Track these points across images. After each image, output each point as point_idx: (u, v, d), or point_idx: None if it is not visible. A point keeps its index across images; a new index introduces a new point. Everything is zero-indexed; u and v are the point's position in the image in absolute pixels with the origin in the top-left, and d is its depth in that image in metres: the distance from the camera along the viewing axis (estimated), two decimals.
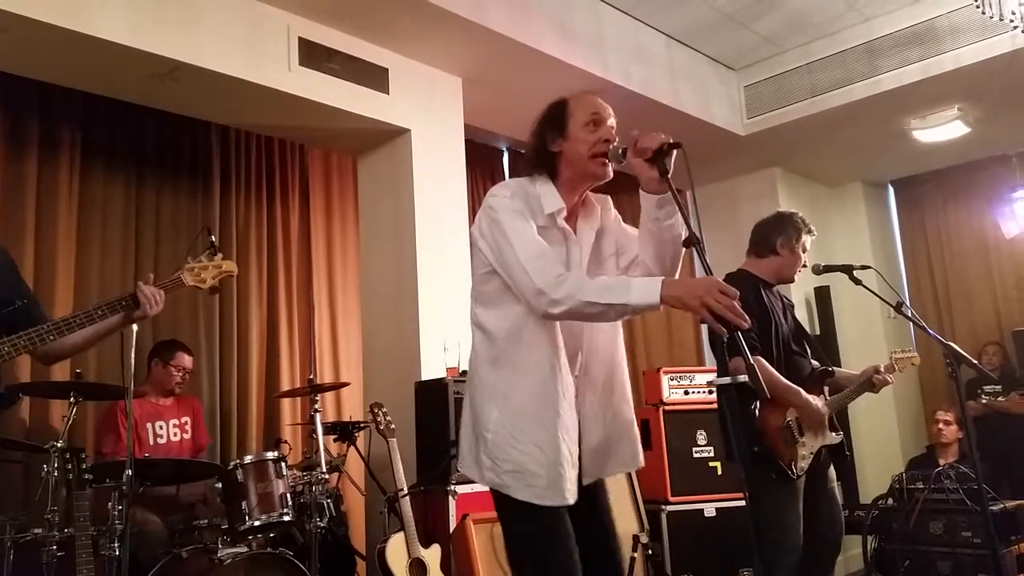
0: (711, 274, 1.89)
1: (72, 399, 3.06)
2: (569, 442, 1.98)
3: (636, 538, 4.06)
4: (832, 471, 3.21)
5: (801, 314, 6.27)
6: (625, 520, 4.32)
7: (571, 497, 1.95)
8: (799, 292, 6.36)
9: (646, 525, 4.36)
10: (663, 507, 4.45)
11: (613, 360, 2.15)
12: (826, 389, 3.21)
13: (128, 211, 4.38)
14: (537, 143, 2.13)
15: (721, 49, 5.70)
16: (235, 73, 3.87)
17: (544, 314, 1.93)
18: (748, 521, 1.93)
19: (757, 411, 3.02)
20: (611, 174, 2.12)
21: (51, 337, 2.13)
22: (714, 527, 4.42)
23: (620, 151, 2.06)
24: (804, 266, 3.34)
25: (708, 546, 4.39)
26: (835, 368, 3.30)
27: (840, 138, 6.04)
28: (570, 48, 4.73)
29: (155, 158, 4.52)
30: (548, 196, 2.07)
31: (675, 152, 1.99)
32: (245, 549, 3.27)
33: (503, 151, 6.16)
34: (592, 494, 2.08)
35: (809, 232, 3.33)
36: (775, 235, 3.30)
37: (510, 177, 6.06)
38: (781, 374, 3.03)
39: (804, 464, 3.02)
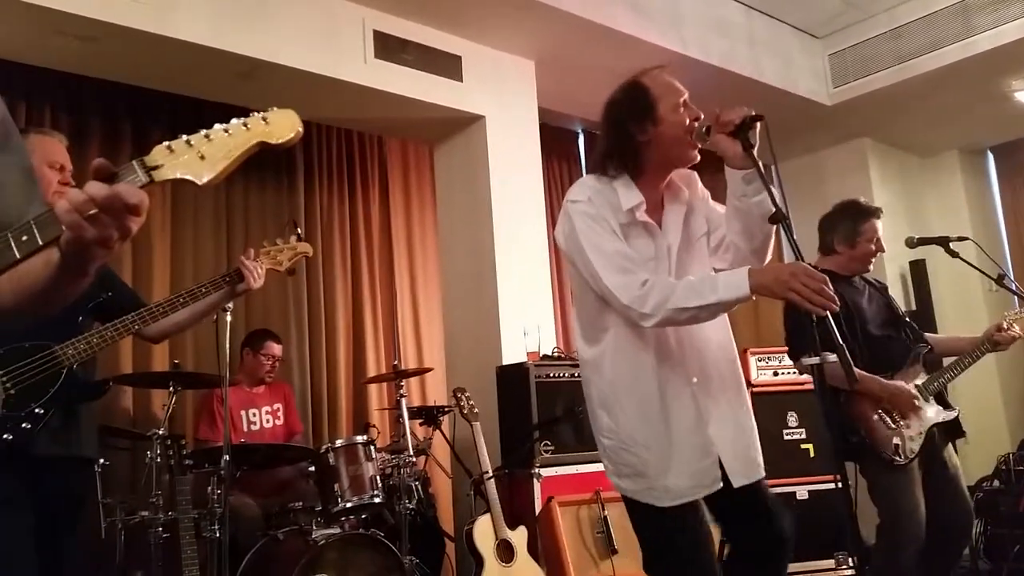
0: (798, 252, 1.83)
1: (171, 388, 3.21)
2: (686, 443, 1.93)
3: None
4: (951, 453, 3.04)
5: (896, 290, 6.02)
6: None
7: (696, 493, 1.91)
8: (893, 267, 6.10)
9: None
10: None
11: (729, 360, 2.09)
12: (918, 369, 3.06)
13: (218, 208, 4.55)
14: (621, 134, 2.01)
15: (803, 17, 5.49)
16: (313, 69, 3.96)
17: (638, 326, 1.91)
18: (842, 504, 1.86)
19: (844, 401, 2.92)
20: (699, 156, 2.04)
21: (155, 318, 2.21)
22: (807, 510, 4.30)
23: (704, 129, 2.00)
24: (878, 251, 3.14)
25: (801, 529, 4.27)
26: (936, 337, 3.14)
27: (933, 104, 5.74)
28: (645, 24, 4.64)
29: None
30: (625, 192, 1.98)
31: (758, 125, 1.92)
32: (338, 530, 3.36)
33: (578, 133, 6.10)
34: (751, 496, 1.99)
35: (871, 216, 3.15)
36: (829, 235, 3.21)
37: (586, 160, 6.04)
38: (865, 362, 2.91)
39: (914, 446, 2.90)
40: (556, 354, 4.37)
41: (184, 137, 1.18)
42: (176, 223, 4.37)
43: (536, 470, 3.82)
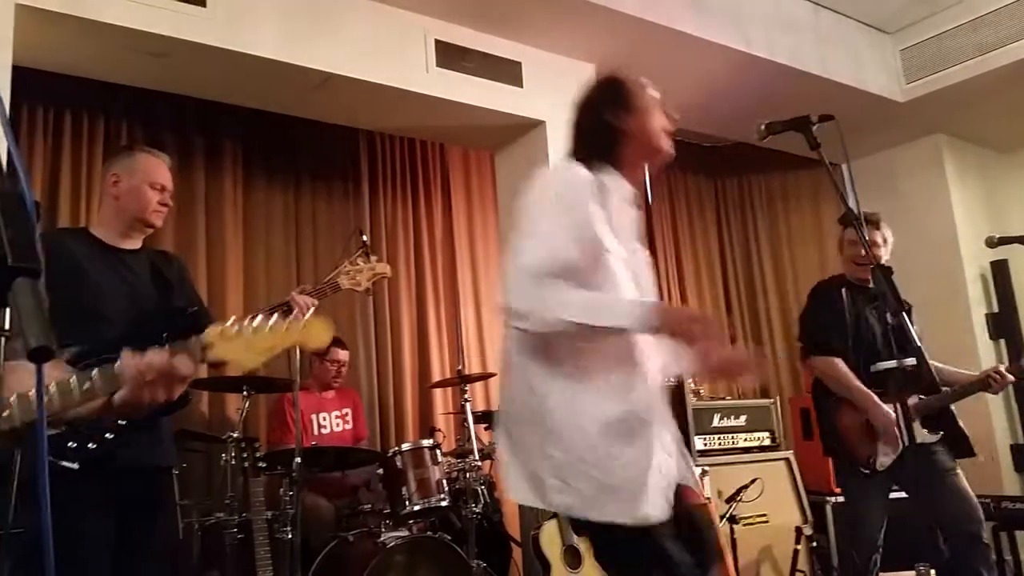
0: (871, 253, 1.79)
1: (245, 393, 3.30)
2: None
3: (799, 530, 3.90)
4: (948, 460, 3.07)
5: (976, 290, 5.80)
6: (786, 511, 4.16)
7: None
8: (973, 267, 5.86)
9: (809, 517, 4.18)
10: (827, 498, 4.24)
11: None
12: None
13: (288, 217, 4.67)
14: (596, 122, 1.93)
15: (872, 12, 5.34)
16: (378, 79, 4.03)
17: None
18: (922, 513, 1.81)
19: (832, 407, 3.13)
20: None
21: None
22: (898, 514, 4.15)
23: (762, 126, 1.96)
24: (869, 259, 3.17)
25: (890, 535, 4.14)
26: (939, 367, 3.19)
27: (1014, 98, 5.49)
28: (708, 24, 4.58)
29: (310, 166, 4.79)
30: (611, 178, 1.89)
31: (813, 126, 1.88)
32: (406, 533, 3.40)
33: None
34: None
35: (849, 225, 3.19)
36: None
37: None
38: (865, 374, 3.10)
39: (886, 460, 3.03)
40: None
41: (237, 326, 1.41)
42: (248, 229, 4.51)
43: None
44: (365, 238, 2.86)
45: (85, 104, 4.09)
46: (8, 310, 0.88)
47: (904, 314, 2.43)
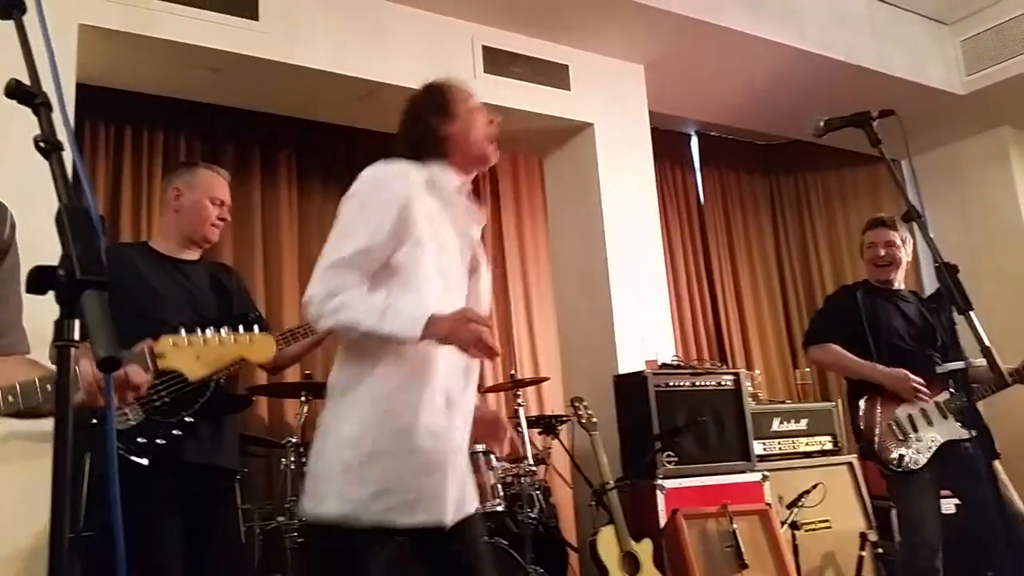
0: (935, 249, 1.74)
1: (303, 398, 3.35)
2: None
3: (863, 536, 3.79)
4: (988, 464, 2.92)
5: None
6: (849, 516, 4.06)
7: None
8: None
9: (874, 522, 4.06)
10: (893, 503, 4.12)
11: None
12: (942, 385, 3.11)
13: None
14: (417, 124, 1.98)
15: (930, 3, 5.20)
16: None
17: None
18: (996, 519, 1.75)
19: (861, 407, 3.09)
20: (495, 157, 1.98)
21: (287, 343, 2.33)
22: (954, 525, 4.02)
23: (820, 123, 1.92)
24: (888, 261, 3.25)
25: (948, 545, 4.00)
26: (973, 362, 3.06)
27: None
28: (760, 20, 4.51)
29: None
30: (445, 172, 1.95)
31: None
32: None
33: (691, 135, 5.99)
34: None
35: (870, 226, 3.33)
36: None
37: (700, 162, 5.92)
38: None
39: (920, 458, 2.99)
40: (676, 362, 4.29)
41: (187, 337, 1.55)
42: (303, 238, 4.58)
43: (659, 481, 3.75)
44: None
45: (145, 119, 4.21)
46: (77, 321, 0.90)
47: (967, 314, 2.35)
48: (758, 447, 4.12)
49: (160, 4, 3.44)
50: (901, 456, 3.00)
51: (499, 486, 3.52)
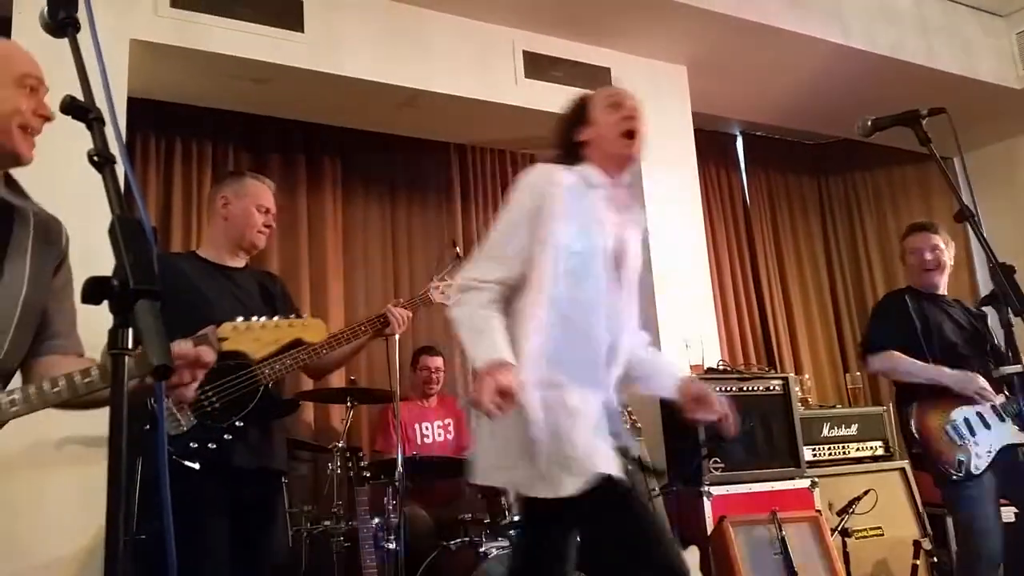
0: (989, 249, 1.69)
1: (348, 403, 3.38)
2: None
3: (917, 544, 3.70)
4: None
5: None
6: (902, 524, 3.96)
7: None
8: None
9: (928, 530, 3.95)
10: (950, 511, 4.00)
11: None
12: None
13: (384, 231, 4.77)
14: (561, 139, 2.09)
15: None
16: (467, 94, 4.09)
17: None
18: None
19: (913, 412, 3.01)
20: (639, 155, 2.04)
21: (324, 350, 2.37)
22: (1015, 534, 3.89)
23: (868, 122, 1.88)
24: (934, 266, 3.20)
25: (1007, 555, 3.88)
26: None
27: None
28: (804, 18, 4.44)
29: (404, 180, 4.89)
30: (591, 171, 2.02)
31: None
32: (507, 543, 3.40)
33: (736, 135, 5.91)
34: None
35: (910, 232, 3.30)
36: None
37: (745, 162, 5.84)
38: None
39: (980, 463, 2.88)
40: (722, 367, 4.23)
41: (246, 322, 1.74)
42: (347, 244, 4.64)
43: (706, 488, 3.70)
44: (459, 250, 2.90)
45: (194, 131, 4.30)
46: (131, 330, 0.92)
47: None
48: (807, 453, 4.04)
49: (208, 18, 3.52)
50: (961, 461, 2.89)
51: None
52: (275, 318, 1.76)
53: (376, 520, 3.21)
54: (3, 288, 1.43)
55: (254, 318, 1.74)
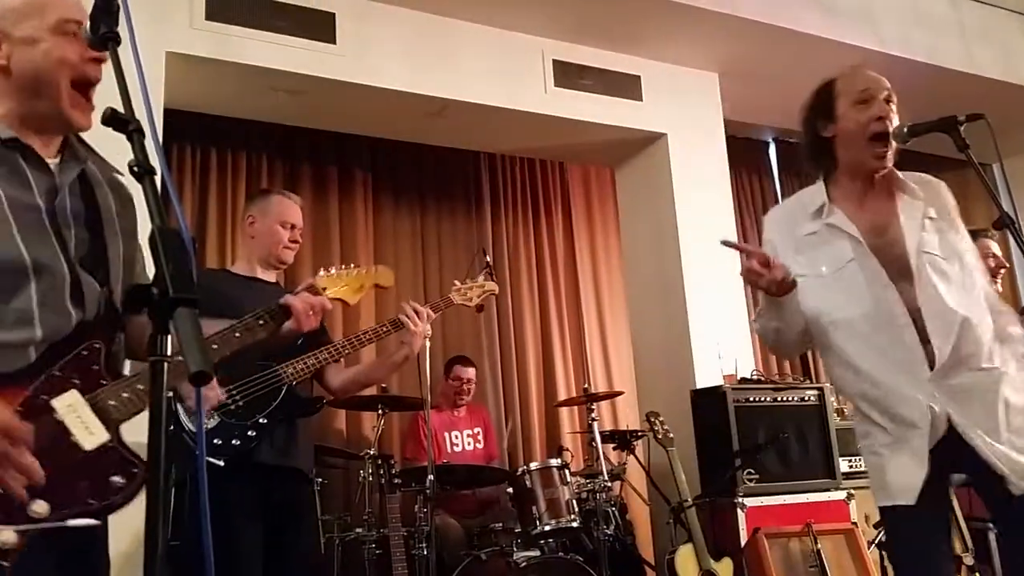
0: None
1: (379, 411, 3.40)
2: None
3: (958, 559, 3.61)
4: None
5: None
6: None
7: None
8: None
9: (970, 545, 3.86)
10: (991, 525, 3.90)
11: None
12: None
13: (415, 239, 4.81)
14: (807, 132, 1.93)
15: None
16: (496, 103, 4.10)
17: None
18: None
19: None
20: (889, 161, 1.84)
21: (354, 349, 2.37)
22: None
23: (904, 128, 1.85)
24: (996, 276, 3.09)
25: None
26: None
27: None
28: (835, 23, 4.39)
29: (434, 189, 4.92)
30: (811, 196, 1.91)
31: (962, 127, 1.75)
32: (538, 553, 3.39)
33: (768, 143, 5.86)
34: None
35: (1002, 228, 2.99)
36: None
37: (778, 170, 5.79)
38: None
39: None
40: (756, 377, 4.18)
41: (333, 270, 2.08)
42: (378, 252, 4.68)
43: (740, 499, 3.66)
44: (488, 258, 2.91)
45: (229, 142, 4.37)
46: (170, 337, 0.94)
47: None
48: (843, 464, 3.97)
49: (242, 31, 3.57)
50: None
51: (574, 502, 3.50)
52: (352, 266, 2.11)
53: (407, 528, 3.22)
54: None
55: (334, 269, 2.06)
